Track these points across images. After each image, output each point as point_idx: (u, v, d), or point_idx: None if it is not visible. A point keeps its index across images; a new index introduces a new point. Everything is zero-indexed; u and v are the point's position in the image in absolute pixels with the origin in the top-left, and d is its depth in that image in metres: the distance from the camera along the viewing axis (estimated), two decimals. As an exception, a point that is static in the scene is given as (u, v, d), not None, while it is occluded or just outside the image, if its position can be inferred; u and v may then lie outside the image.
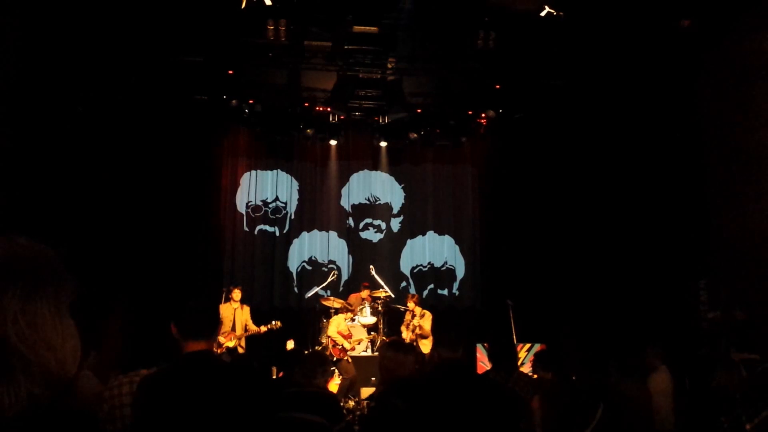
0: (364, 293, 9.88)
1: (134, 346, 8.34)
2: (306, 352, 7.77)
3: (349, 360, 8.86)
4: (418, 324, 9.19)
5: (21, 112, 7.43)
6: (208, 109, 10.61)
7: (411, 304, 9.50)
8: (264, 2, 7.30)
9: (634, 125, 9.80)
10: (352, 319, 9.39)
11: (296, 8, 8.43)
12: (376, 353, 8.97)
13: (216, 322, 2.52)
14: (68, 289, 1.04)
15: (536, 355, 5.15)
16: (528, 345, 9.96)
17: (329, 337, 8.99)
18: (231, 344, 8.72)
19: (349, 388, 8.46)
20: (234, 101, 10.23)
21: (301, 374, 3.47)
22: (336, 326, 9.06)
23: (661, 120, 9.46)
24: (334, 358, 8.96)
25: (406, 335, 9.23)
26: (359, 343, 9.32)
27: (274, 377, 7.80)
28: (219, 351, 8.65)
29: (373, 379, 8.41)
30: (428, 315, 9.31)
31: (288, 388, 3.49)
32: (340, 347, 8.86)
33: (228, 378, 2.38)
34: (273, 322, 9.05)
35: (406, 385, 3.54)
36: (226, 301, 9.08)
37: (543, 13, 7.55)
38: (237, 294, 9.02)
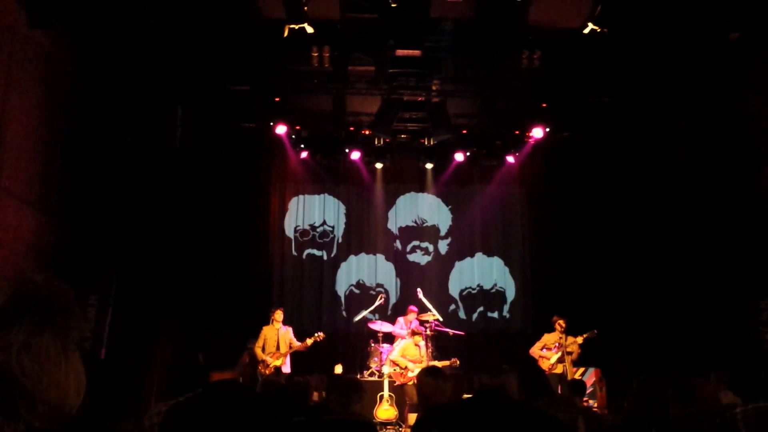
0: (411, 316, 9.78)
1: (182, 372, 8.52)
2: (345, 376, 7.74)
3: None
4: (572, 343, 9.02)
5: (73, 142, 7.75)
6: (256, 135, 10.85)
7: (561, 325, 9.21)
8: (306, 31, 7.41)
9: (686, 142, 9.50)
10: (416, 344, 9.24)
11: (339, 35, 8.55)
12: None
13: (239, 352, 2.54)
14: (77, 326, 1.07)
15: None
16: (582, 369, 9.66)
17: (392, 360, 8.91)
18: (278, 363, 8.90)
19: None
20: (281, 127, 10.40)
21: (335, 401, 3.43)
22: (402, 351, 8.94)
23: (713, 135, 9.13)
24: (396, 383, 8.85)
25: (553, 357, 9.02)
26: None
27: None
28: (267, 371, 8.76)
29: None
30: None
31: (324, 416, 3.46)
32: (402, 371, 8.74)
33: (251, 409, 2.37)
34: (316, 334, 9.12)
35: (444, 412, 3.46)
36: (269, 324, 9.19)
37: (586, 31, 7.41)
38: (279, 315, 9.15)
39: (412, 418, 8.12)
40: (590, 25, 7.41)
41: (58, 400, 1.00)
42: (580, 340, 9.06)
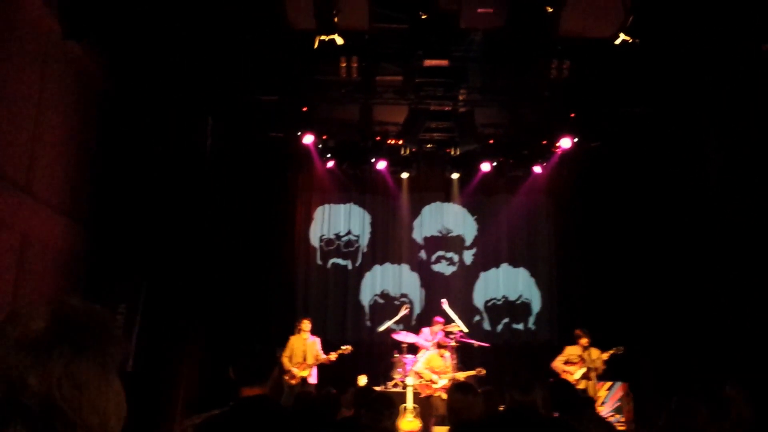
0: (437, 328, 9.69)
1: (210, 384, 8.55)
2: (376, 388, 7.68)
3: (443, 396, 8.59)
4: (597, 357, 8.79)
5: (104, 151, 7.86)
6: (283, 145, 10.90)
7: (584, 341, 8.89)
8: (335, 42, 7.43)
9: (717, 153, 9.31)
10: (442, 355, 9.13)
11: (367, 45, 8.56)
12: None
13: (270, 368, 2.52)
14: (116, 350, 1.06)
15: None
16: (609, 383, 9.51)
17: (416, 372, 8.83)
18: (304, 374, 8.90)
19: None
20: (308, 137, 10.43)
21: (367, 416, 3.41)
22: (427, 362, 8.84)
23: (745, 148, 8.94)
24: (421, 395, 8.75)
25: (577, 372, 8.79)
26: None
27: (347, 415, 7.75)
28: (293, 382, 8.77)
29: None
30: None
31: (353, 431, 3.43)
32: (427, 383, 8.65)
33: (282, 425, 2.36)
34: (342, 347, 9.09)
35: (475, 428, 3.42)
36: (296, 333, 9.17)
37: (618, 41, 7.32)
38: (306, 325, 9.13)
39: (437, 430, 8.03)
40: (622, 36, 7.30)
41: (99, 426, 0.99)
42: (605, 356, 8.85)
